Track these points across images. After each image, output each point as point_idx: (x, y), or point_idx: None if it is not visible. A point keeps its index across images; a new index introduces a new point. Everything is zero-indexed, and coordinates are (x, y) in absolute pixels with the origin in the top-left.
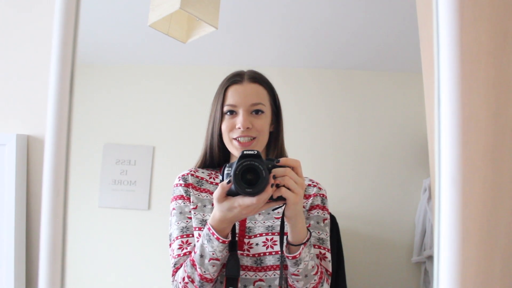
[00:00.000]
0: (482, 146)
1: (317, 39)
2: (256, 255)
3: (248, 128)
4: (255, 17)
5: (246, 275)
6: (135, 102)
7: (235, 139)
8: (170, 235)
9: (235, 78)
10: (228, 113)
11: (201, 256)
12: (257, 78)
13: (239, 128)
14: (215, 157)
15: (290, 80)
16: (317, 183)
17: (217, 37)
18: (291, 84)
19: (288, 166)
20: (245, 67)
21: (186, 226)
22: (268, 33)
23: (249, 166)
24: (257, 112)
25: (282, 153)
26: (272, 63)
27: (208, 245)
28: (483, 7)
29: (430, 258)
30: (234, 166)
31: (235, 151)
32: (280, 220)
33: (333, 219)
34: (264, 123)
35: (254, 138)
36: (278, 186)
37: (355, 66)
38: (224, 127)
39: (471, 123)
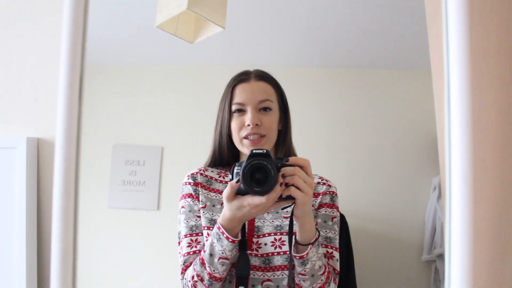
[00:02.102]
0: (493, 143)
1: (325, 38)
2: (265, 255)
3: (257, 125)
4: (262, 17)
5: (254, 275)
6: (143, 103)
7: (245, 137)
8: (179, 233)
9: (242, 77)
10: (237, 112)
11: (211, 255)
12: (264, 76)
13: (248, 125)
14: (224, 156)
15: (298, 79)
16: (326, 181)
17: (224, 37)
18: (299, 83)
19: (297, 165)
20: (253, 67)
21: (195, 225)
22: (276, 32)
23: (258, 165)
24: (265, 109)
25: (290, 151)
26: (281, 62)
27: (218, 244)
28: (492, 4)
29: (441, 256)
30: (243, 165)
31: (245, 149)
32: (288, 219)
33: (342, 217)
34: (272, 120)
35: (263, 135)
36: (287, 185)
37: (363, 64)
38: (233, 126)
39: (481, 120)
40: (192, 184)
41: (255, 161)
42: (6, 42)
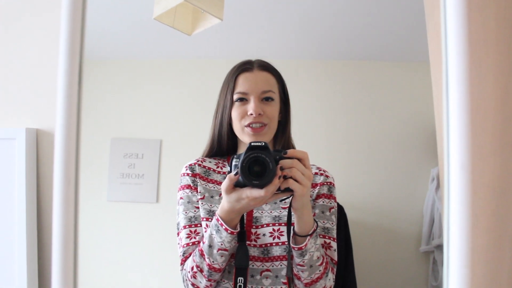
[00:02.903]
0: (491, 133)
1: (323, 31)
2: (263, 246)
3: (260, 114)
4: (260, 9)
5: (253, 265)
6: (141, 96)
7: (246, 126)
8: (178, 224)
9: (245, 66)
10: (239, 101)
11: (210, 246)
12: (267, 66)
13: (251, 114)
14: (223, 145)
15: (296, 71)
16: (324, 171)
17: (222, 30)
18: (297, 76)
19: (295, 158)
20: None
21: (194, 216)
22: (274, 25)
23: (257, 158)
24: (268, 99)
25: (288, 143)
26: (279, 55)
27: (217, 236)
28: None
29: (439, 247)
30: (241, 158)
31: (246, 137)
32: (287, 210)
33: (341, 209)
34: (274, 110)
35: (265, 124)
36: (285, 177)
37: (361, 56)
38: (234, 114)
39: (479, 110)
40: (190, 175)
41: (254, 154)
42: (5, 34)
